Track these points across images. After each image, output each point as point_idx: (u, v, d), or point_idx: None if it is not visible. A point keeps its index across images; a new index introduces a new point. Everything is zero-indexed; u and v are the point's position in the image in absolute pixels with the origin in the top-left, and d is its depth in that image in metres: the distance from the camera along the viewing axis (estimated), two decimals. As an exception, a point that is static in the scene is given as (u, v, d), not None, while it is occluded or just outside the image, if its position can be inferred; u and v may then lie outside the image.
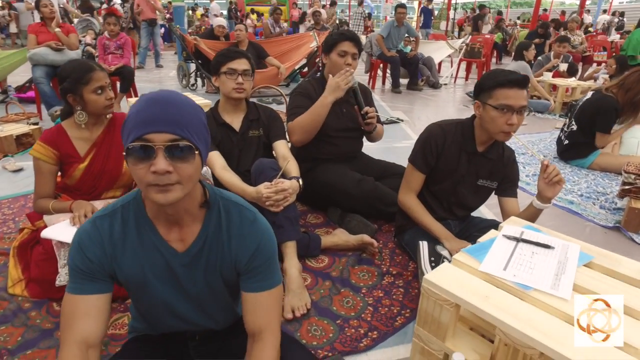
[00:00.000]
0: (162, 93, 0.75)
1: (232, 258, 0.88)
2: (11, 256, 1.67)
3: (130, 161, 0.72)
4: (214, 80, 1.89)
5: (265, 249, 0.89)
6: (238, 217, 0.89)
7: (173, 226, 0.85)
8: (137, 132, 0.71)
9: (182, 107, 0.74)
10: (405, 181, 1.74)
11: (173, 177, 0.72)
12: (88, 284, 0.82)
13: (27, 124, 3.38)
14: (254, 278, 0.89)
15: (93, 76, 1.55)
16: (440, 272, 1.10)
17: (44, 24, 3.91)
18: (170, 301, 0.91)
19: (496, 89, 1.48)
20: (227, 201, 0.90)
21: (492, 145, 1.64)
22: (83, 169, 1.63)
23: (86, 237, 0.82)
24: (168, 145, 0.71)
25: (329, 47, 2.04)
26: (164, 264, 0.87)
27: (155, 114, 0.72)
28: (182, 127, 0.73)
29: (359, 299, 1.54)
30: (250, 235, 0.88)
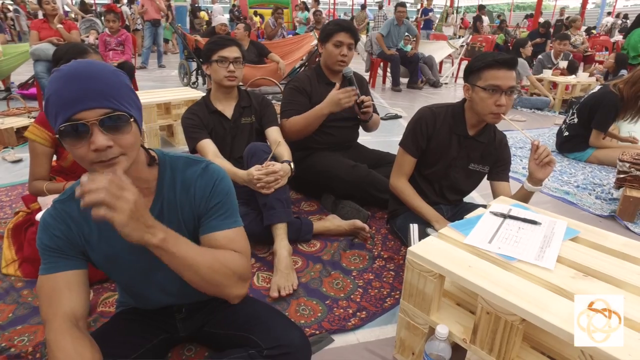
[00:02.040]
0: (78, 65, 0.71)
1: (192, 205, 0.88)
2: (5, 237, 1.69)
3: (67, 143, 0.70)
4: (206, 69, 1.90)
5: (222, 188, 0.89)
6: (188, 168, 0.89)
7: None
8: (65, 113, 0.68)
9: (104, 77, 0.71)
10: (396, 165, 1.74)
11: (115, 150, 0.71)
12: (61, 261, 0.82)
13: (28, 117, 3.42)
14: (214, 217, 0.89)
15: (86, 58, 1.57)
16: (425, 244, 1.10)
17: (46, 21, 3.97)
18: (148, 271, 0.91)
19: (484, 70, 1.48)
20: (175, 158, 0.91)
21: (483, 129, 1.64)
22: (77, 152, 1.65)
23: (49, 217, 0.83)
24: (101, 119, 0.69)
25: (325, 37, 2.06)
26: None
27: (79, 90, 0.68)
28: (110, 97, 0.71)
29: (349, 280, 1.54)
30: (203, 179, 0.89)
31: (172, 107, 3.02)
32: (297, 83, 2.07)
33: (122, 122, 0.72)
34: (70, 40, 3.95)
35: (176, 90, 3.37)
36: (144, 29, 7.97)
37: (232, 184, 0.93)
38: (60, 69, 0.72)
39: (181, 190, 0.88)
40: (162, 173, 0.88)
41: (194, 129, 1.85)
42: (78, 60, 0.75)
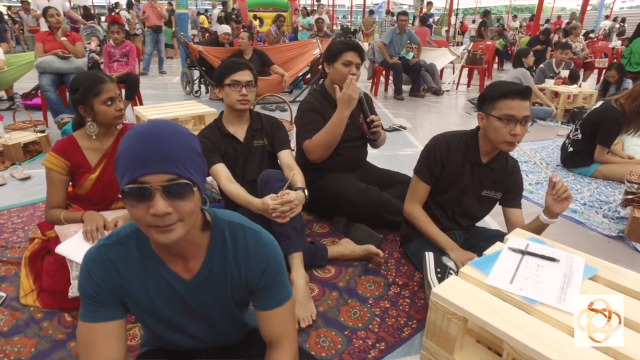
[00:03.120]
0: (152, 126, 0.72)
1: (242, 280, 0.89)
2: (22, 266, 1.70)
3: (127, 202, 0.70)
4: (218, 92, 1.92)
5: (274, 265, 0.89)
6: (243, 238, 0.88)
7: (177, 258, 0.85)
8: (131, 173, 0.68)
9: (175, 141, 0.71)
10: (410, 192, 1.76)
11: (173, 217, 0.70)
12: (102, 310, 0.82)
13: (34, 131, 3.42)
14: (266, 296, 0.90)
15: (103, 87, 1.58)
16: (447, 285, 1.12)
17: (51, 33, 3.97)
18: (180, 323, 0.92)
19: (499, 99, 1.50)
20: (229, 223, 0.89)
21: (496, 156, 1.66)
22: (94, 180, 1.65)
23: (92, 263, 0.82)
24: (165, 185, 0.69)
25: (333, 57, 2.06)
26: (170, 291, 0.87)
27: (148, 152, 0.68)
28: (178, 164, 0.70)
29: (366, 309, 1.56)
30: (257, 255, 0.87)
31: (180, 122, 3.03)
32: (308, 105, 2.08)
33: (185, 190, 0.71)
34: (75, 52, 3.96)
35: (183, 105, 3.38)
36: (144, 34, 7.97)
37: (282, 257, 0.92)
38: (135, 128, 0.73)
39: (233, 258, 0.87)
40: (215, 238, 0.87)
41: (207, 153, 1.86)
42: (153, 120, 0.76)
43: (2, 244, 1.96)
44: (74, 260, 1.44)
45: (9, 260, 1.83)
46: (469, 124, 4.65)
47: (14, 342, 1.38)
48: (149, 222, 0.70)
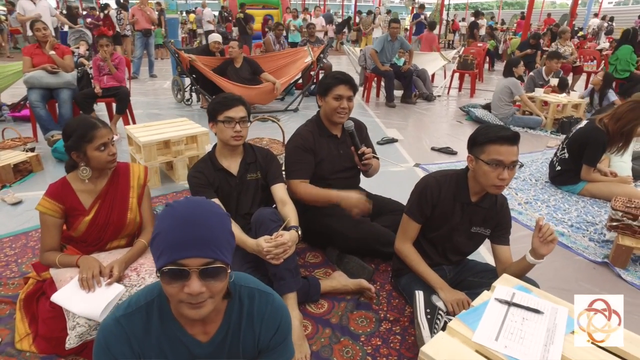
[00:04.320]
0: (192, 210, 0.78)
1: (255, 339, 0.95)
2: (17, 309, 1.70)
3: (164, 280, 0.76)
4: (211, 127, 1.92)
5: (285, 327, 0.97)
6: (258, 301, 0.95)
7: (197, 322, 0.90)
8: (170, 255, 0.75)
9: (213, 226, 0.78)
10: (401, 230, 1.80)
11: (205, 295, 0.77)
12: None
13: (23, 149, 3.39)
14: (273, 355, 0.97)
15: (96, 134, 1.58)
16: (436, 343, 1.16)
17: (39, 46, 3.91)
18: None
19: (488, 144, 1.54)
20: (246, 288, 0.95)
21: (485, 195, 1.70)
22: (88, 222, 1.66)
23: (112, 337, 0.86)
24: (202, 269, 0.76)
25: (324, 91, 2.08)
26: (187, 355, 0.91)
27: (188, 238, 0.75)
28: (215, 248, 0.77)
29: (358, 347, 1.60)
30: (271, 317, 0.95)
31: (171, 143, 3.03)
32: (301, 141, 2.09)
33: (219, 272, 0.78)
34: (64, 66, 3.91)
35: (175, 124, 3.37)
36: (134, 37, 7.87)
37: (290, 321, 1.00)
38: (174, 207, 0.79)
39: (247, 322, 0.94)
40: (232, 303, 0.93)
41: (201, 188, 1.88)
42: (191, 199, 0.81)
43: (-4, 281, 1.96)
44: (71, 310, 1.45)
45: (2, 299, 1.83)
46: (460, 134, 4.70)
47: (11, 392, 1.40)
48: (182, 299, 0.77)
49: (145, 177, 1.81)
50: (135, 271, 1.62)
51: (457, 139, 4.42)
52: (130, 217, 1.73)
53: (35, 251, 2.23)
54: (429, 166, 3.61)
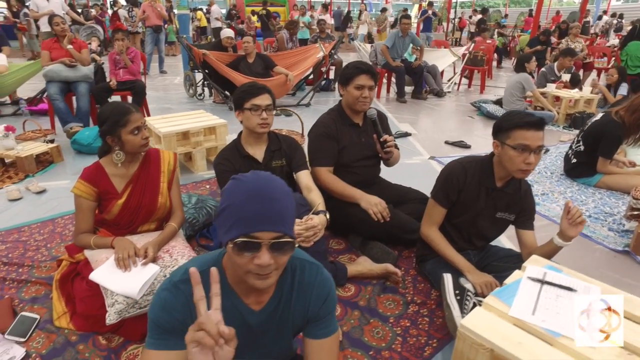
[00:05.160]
0: (262, 185, 0.80)
1: (305, 309, 0.98)
2: (54, 289, 1.75)
3: (234, 252, 0.79)
4: (237, 115, 1.95)
5: (332, 297, 1.00)
6: (308, 272, 0.98)
7: (252, 292, 0.93)
8: (243, 228, 0.77)
9: (284, 202, 0.80)
10: (427, 215, 1.83)
11: (272, 267, 0.80)
12: (171, 339, 0.88)
13: (44, 141, 3.44)
14: (322, 325, 1.00)
15: (130, 118, 1.62)
16: (473, 316, 1.18)
17: (57, 40, 3.97)
18: (241, 353, 0.98)
19: (514, 129, 1.56)
20: (296, 259, 0.99)
21: (510, 181, 1.73)
22: (121, 205, 1.70)
23: (172, 298, 0.88)
24: (273, 242, 0.78)
25: (346, 81, 2.11)
26: (241, 322, 0.94)
27: (261, 211, 0.77)
28: (284, 222, 0.79)
29: (388, 329, 1.63)
30: (320, 287, 0.98)
31: (190, 134, 3.07)
32: (324, 128, 2.13)
33: (288, 246, 0.81)
34: (81, 59, 3.96)
35: (193, 116, 3.41)
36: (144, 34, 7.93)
37: (336, 294, 1.04)
38: (244, 181, 0.81)
39: (298, 291, 0.97)
40: (284, 274, 0.96)
41: (227, 174, 1.90)
42: (258, 174, 0.83)
43: (29, 263, 2.01)
44: (109, 288, 1.49)
45: (37, 280, 1.88)
46: (472, 128, 4.72)
47: (53, 366, 1.44)
48: (250, 270, 0.80)
49: (175, 162, 1.85)
50: (168, 253, 1.66)
51: (470, 133, 4.44)
52: (161, 201, 1.77)
53: (63, 237, 2.28)
54: (443, 159, 3.63)
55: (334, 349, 1.02)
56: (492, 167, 1.72)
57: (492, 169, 1.72)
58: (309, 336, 1.00)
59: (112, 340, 1.56)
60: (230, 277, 0.92)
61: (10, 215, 2.52)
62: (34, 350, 1.50)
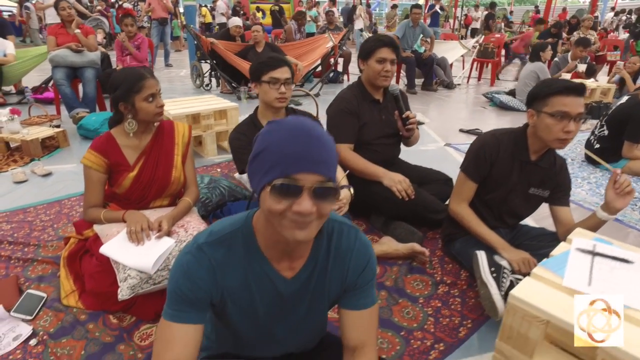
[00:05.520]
0: (305, 125, 0.70)
1: (343, 276, 0.87)
2: (62, 266, 1.65)
3: (271, 197, 0.68)
4: (254, 87, 1.86)
5: (373, 264, 0.89)
6: (346, 235, 0.87)
7: (284, 256, 0.82)
8: (284, 169, 0.67)
9: (327, 144, 0.70)
10: (456, 190, 1.72)
11: (313, 216, 0.70)
12: (191, 312, 0.78)
13: (50, 126, 3.36)
14: (360, 295, 0.88)
15: (145, 84, 1.52)
16: (525, 287, 1.08)
17: (63, 26, 3.89)
18: (270, 326, 0.89)
19: (552, 96, 1.45)
20: (332, 222, 0.87)
21: (545, 154, 1.62)
22: (133, 178, 1.60)
23: (195, 263, 0.78)
24: (316, 187, 0.68)
25: (367, 54, 2.02)
26: (272, 290, 0.84)
27: (304, 151, 0.67)
28: (328, 165, 0.69)
29: (418, 309, 1.52)
30: (359, 252, 0.87)
31: (201, 117, 2.97)
32: (345, 104, 2.03)
33: (331, 193, 0.70)
34: (88, 45, 3.88)
35: (203, 100, 3.32)
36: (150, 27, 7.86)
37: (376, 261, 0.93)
38: (282, 122, 0.71)
39: (335, 257, 0.86)
40: (320, 237, 0.85)
41: (244, 150, 1.82)
42: (298, 116, 0.73)
43: (35, 243, 1.91)
44: (120, 261, 1.39)
45: (44, 259, 1.78)
46: (485, 118, 4.61)
47: (62, 344, 1.35)
48: (288, 217, 0.69)
49: (190, 135, 1.75)
50: (183, 228, 1.56)
51: (484, 123, 4.33)
52: (175, 175, 1.67)
53: (70, 217, 2.18)
54: (460, 146, 3.52)
55: (373, 321, 0.91)
56: (526, 139, 1.62)
57: (526, 141, 1.62)
58: (346, 307, 0.89)
59: (124, 320, 1.46)
60: (261, 239, 0.81)
61: (15, 197, 2.43)
62: (41, 329, 1.41)
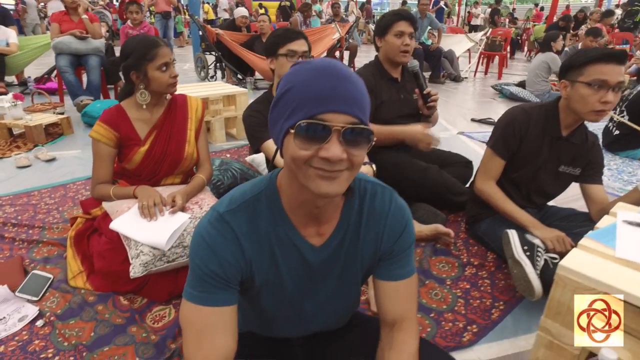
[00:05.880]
0: (333, 64, 0.62)
1: (377, 243, 0.77)
2: (68, 246, 1.57)
3: (296, 142, 0.60)
4: (270, 62, 1.77)
5: (411, 230, 0.79)
6: (380, 197, 0.77)
7: (311, 220, 0.72)
8: (310, 108, 0.59)
9: (358, 83, 0.62)
10: (483, 168, 1.64)
11: (343, 164, 0.61)
12: (222, 293, 0.68)
13: (53, 113, 3.27)
14: (397, 264, 0.79)
15: (158, 52, 1.44)
16: (573, 259, 0.99)
17: (67, 13, 3.81)
18: (299, 302, 0.79)
19: (590, 64, 1.36)
20: (364, 182, 0.78)
21: (577, 130, 1.54)
22: (144, 153, 1.52)
23: (218, 235, 0.68)
24: (347, 128, 0.59)
25: (383, 29, 1.94)
26: (299, 260, 0.74)
27: (333, 89, 0.59)
28: (360, 106, 0.61)
29: (447, 291, 1.44)
30: (396, 215, 0.77)
31: (209, 102, 2.89)
32: (363, 80, 1.94)
33: (363, 137, 0.61)
34: (94, 32, 3.80)
35: (212, 85, 3.25)
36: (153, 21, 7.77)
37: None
38: (308, 62, 0.62)
39: (367, 222, 0.76)
40: (349, 198, 0.75)
41: (259, 128, 1.73)
42: (324, 58, 0.65)
43: (39, 225, 1.83)
44: (132, 237, 1.31)
45: (49, 241, 1.70)
46: (496, 108, 4.53)
47: (70, 325, 1.27)
48: (315, 164, 0.60)
49: (203, 110, 1.67)
50: (197, 204, 1.48)
51: (494, 114, 4.24)
52: (188, 151, 1.58)
53: (75, 201, 2.10)
54: (473, 134, 3.44)
55: (413, 293, 0.82)
56: (558, 114, 1.53)
57: (557, 115, 1.53)
58: (382, 277, 0.79)
59: (135, 301, 1.38)
60: (286, 201, 0.71)
61: (18, 180, 2.35)
62: (48, 310, 1.33)
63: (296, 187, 0.67)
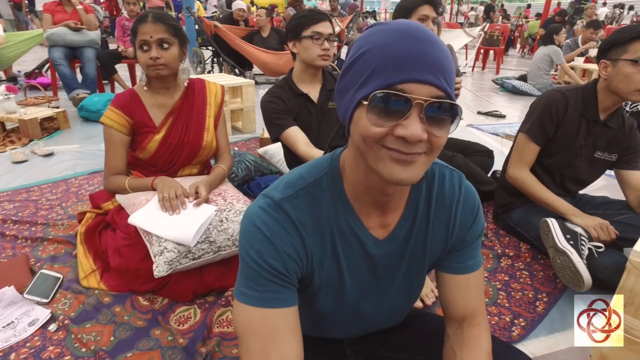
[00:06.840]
0: (416, 26, 0.51)
1: (449, 232, 0.68)
2: (79, 243, 1.46)
3: (370, 114, 0.50)
4: (292, 46, 1.67)
5: (481, 216, 0.70)
6: (449, 180, 0.67)
7: (375, 210, 0.63)
8: (388, 76, 0.49)
9: (444, 49, 0.51)
10: (517, 154, 1.57)
11: (423, 146, 0.51)
12: (285, 292, 0.59)
13: (48, 107, 3.12)
14: (467, 255, 0.70)
15: (139, 28, 1.29)
16: (644, 244, 0.93)
17: (60, 3, 3.65)
18: (358, 301, 0.70)
19: (635, 40, 1.30)
20: (437, 164, 0.68)
21: (614, 114, 1.48)
22: (159, 141, 1.41)
23: (276, 224, 0.58)
24: (432, 102, 0.49)
25: (405, 14, 1.85)
26: (362, 257, 0.65)
27: (416, 53, 0.49)
28: (447, 78, 0.50)
29: (486, 283, 1.37)
30: (466, 200, 0.67)
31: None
32: None
33: (450, 116, 0.51)
34: (89, 23, 3.65)
35: (217, 77, 3.13)
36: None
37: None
38: (385, 23, 0.51)
39: (437, 209, 0.67)
40: (418, 183, 0.62)
41: (279, 114, 1.63)
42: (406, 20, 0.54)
43: (43, 222, 1.71)
44: (154, 233, 1.20)
45: (54, 238, 1.58)
46: (499, 101, 4.51)
47: (87, 329, 1.16)
48: (390, 145, 0.50)
49: (222, 95, 1.57)
50: (221, 196, 1.38)
51: (498, 106, 4.21)
52: (207, 139, 1.48)
53: (79, 196, 1.98)
54: (482, 126, 3.39)
55: (482, 285, 0.73)
56: (596, 96, 1.46)
57: (595, 98, 1.46)
58: (450, 271, 0.70)
59: (155, 302, 1.27)
60: (349, 186, 0.62)
61: (14, 176, 2.21)
62: (61, 312, 1.21)
63: (363, 171, 0.57)
